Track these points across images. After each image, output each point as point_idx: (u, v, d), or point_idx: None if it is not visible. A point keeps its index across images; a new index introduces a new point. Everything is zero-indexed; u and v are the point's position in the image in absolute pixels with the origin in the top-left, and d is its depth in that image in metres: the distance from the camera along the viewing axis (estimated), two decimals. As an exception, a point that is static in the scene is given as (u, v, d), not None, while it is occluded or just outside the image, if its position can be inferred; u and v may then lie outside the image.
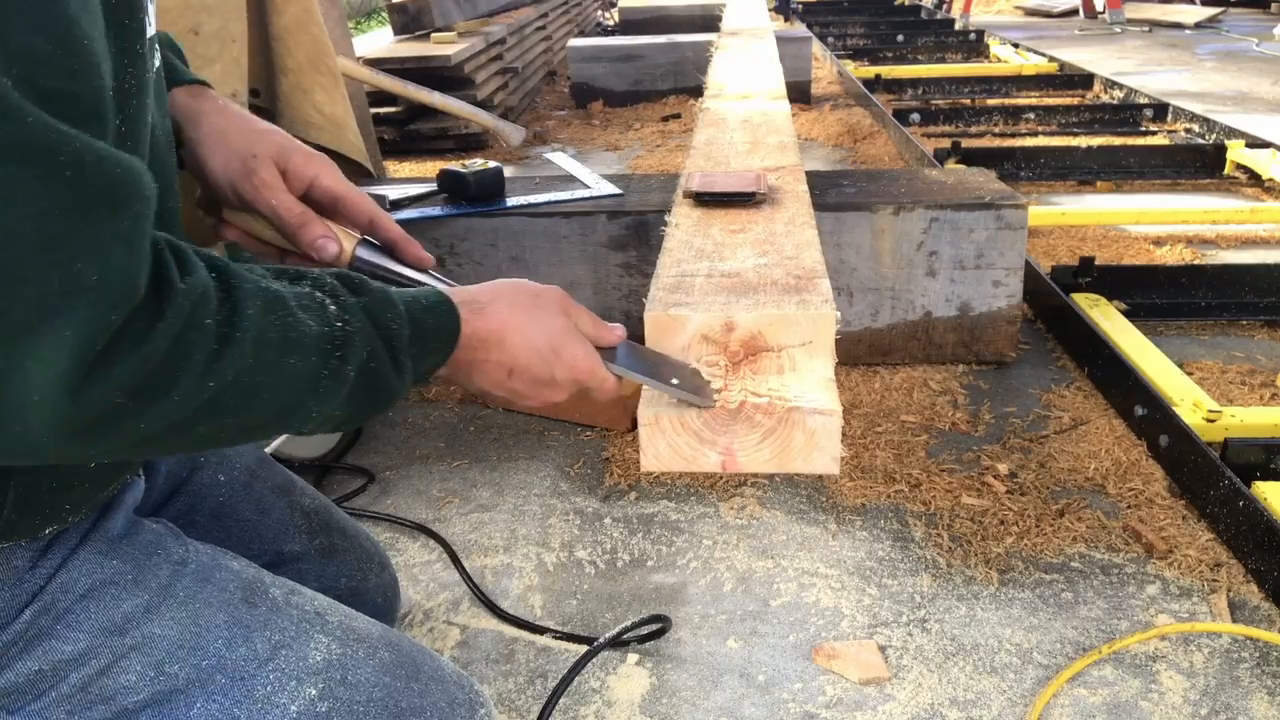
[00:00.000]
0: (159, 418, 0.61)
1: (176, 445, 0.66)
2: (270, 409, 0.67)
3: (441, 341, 0.80)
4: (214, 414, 0.64)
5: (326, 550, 1.13)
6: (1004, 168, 3.84)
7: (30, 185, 0.52)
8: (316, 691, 0.83)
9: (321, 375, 0.69)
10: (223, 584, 0.85)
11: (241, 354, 0.63)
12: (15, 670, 0.76)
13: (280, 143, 0.95)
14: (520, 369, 0.84)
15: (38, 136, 0.52)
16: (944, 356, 2.36)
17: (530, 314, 0.86)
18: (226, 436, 0.68)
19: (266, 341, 0.65)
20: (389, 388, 0.75)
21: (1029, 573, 1.64)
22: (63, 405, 0.56)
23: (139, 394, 0.59)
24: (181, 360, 0.60)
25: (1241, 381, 2.23)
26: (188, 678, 0.80)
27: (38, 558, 0.77)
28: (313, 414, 0.71)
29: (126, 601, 0.79)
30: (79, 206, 0.54)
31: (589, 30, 8.30)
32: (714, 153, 1.85)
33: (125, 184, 0.57)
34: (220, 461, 1.06)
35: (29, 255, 0.52)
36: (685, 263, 1.18)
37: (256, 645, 0.83)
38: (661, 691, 1.42)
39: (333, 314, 0.71)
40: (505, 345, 0.83)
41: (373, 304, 0.75)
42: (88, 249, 0.55)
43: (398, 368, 0.75)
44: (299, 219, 0.92)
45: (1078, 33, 8.32)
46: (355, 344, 0.71)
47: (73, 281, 0.54)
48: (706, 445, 0.94)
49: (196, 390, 0.61)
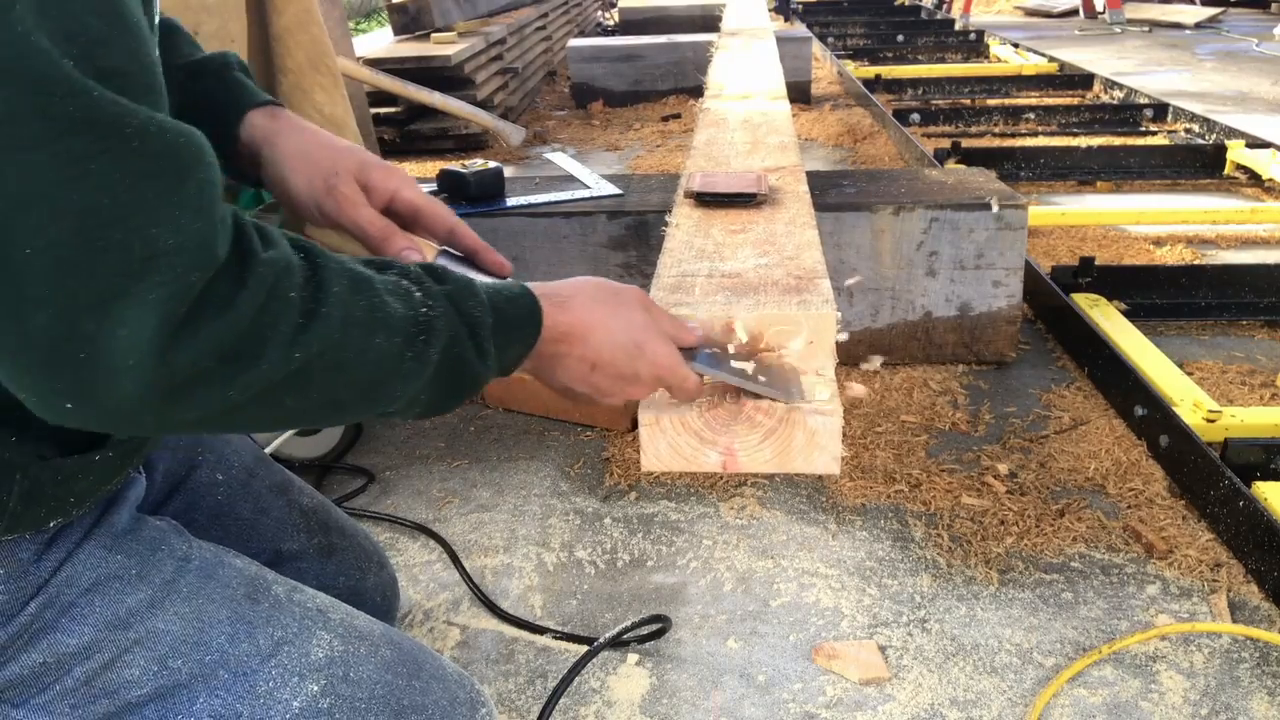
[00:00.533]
0: (247, 386, 0.62)
1: (267, 418, 0.67)
2: (356, 386, 0.69)
3: (524, 332, 0.81)
4: (301, 387, 0.65)
5: (325, 549, 1.13)
6: (1004, 168, 3.84)
7: (102, 158, 0.54)
8: (318, 688, 0.84)
9: (406, 356, 0.70)
10: (226, 580, 0.85)
11: (328, 329, 0.65)
12: (20, 663, 0.76)
13: (361, 158, 0.96)
14: (604, 364, 0.85)
15: (103, 111, 0.54)
16: (944, 356, 2.36)
17: (613, 309, 0.86)
18: (314, 412, 0.69)
19: (352, 319, 0.67)
20: (472, 373, 0.76)
21: (1029, 573, 1.64)
22: (154, 368, 0.58)
23: (226, 360, 0.61)
24: (267, 330, 0.62)
25: (1241, 381, 2.23)
26: (190, 673, 0.80)
27: (43, 551, 0.77)
28: (398, 394, 0.72)
29: (131, 596, 0.80)
30: (148, 175, 0.56)
31: (589, 30, 8.30)
32: (714, 153, 1.85)
33: (189, 151, 0.59)
34: (218, 460, 1.07)
35: (108, 224, 0.55)
36: (686, 263, 1.18)
37: (259, 641, 0.83)
38: (661, 692, 1.43)
39: (418, 299, 0.73)
40: (589, 340, 0.84)
41: (456, 291, 0.76)
42: (160, 215, 0.57)
43: (481, 354, 0.76)
44: (382, 232, 0.93)
45: (1078, 33, 8.33)
46: (439, 328, 0.73)
47: (151, 246, 0.57)
48: (707, 445, 0.94)
49: (283, 361, 0.63)
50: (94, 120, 0.54)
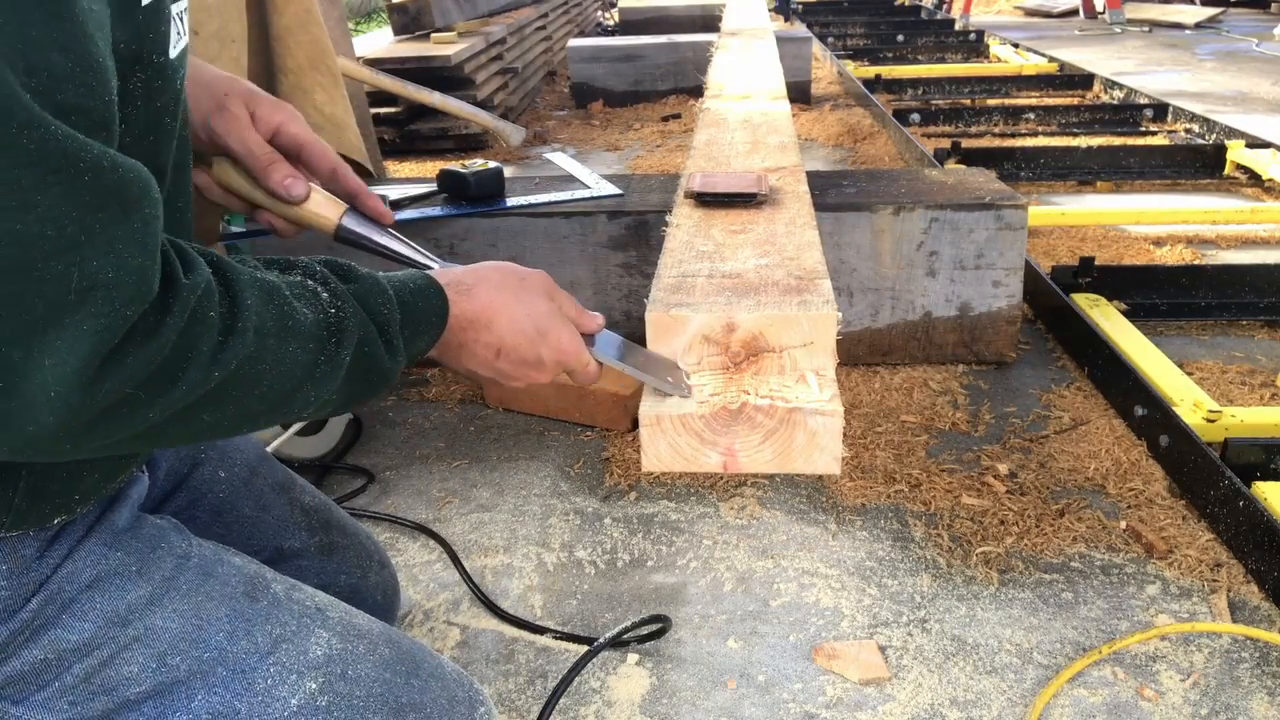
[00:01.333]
0: (166, 407, 0.63)
1: (180, 435, 0.68)
2: (271, 395, 0.70)
3: (430, 324, 0.83)
4: (218, 402, 0.67)
5: (326, 547, 1.13)
6: (1004, 168, 3.84)
7: (51, 190, 0.54)
8: (317, 685, 0.84)
9: (319, 361, 0.72)
10: (225, 578, 0.86)
11: (244, 344, 0.66)
12: (21, 659, 0.76)
13: (249, 87, 0.97)
14: (507, 349, 0.87)
15: (58, 145, 0.55)
16: (944, 356, 2.36)
17: (516, 296, 0.88)
18: (228, 425, 0.70)
19: (266, 330, 0.68)
20: (382, 370, 0.78)
21: (1029, 573, 1.64)
22: (76, 399, 0.58)
23: (149, 385, 0.61)
24: (189, 351, 0.63)
25: (1241, 381, 2.23)
26: (189, 670, 0.81)
27: (45, 548, 0.77)
28: (310, 399, 0.73)
29: (130, 592, 0.80)
30: (96, 209, 0.57)
31: (589, 30, 8.30)
32: (714, 153, 1.85)
33: (136, 187, 0.59)
34: (221, 458, 1.07)
35: (49, 255, 0.55)
36: (686, 263, 1.18)
37: (257, 639, 0.83)
38: (661, 691, 1.43)
39: (325, 301, 0.74)
40: (493, 326, 0.86)
41: (363, 290, 0.78)
42: (104, 249, 0.57)
43: (390, 350, 0.78)
44: (268, 158, 0.94)
45: (1078, 33, 8.33)
46: (349, 329, 0.74)
47: (90, 279, 0.57)
48: (708, 446, 0.94)
49: (203, 379, 0.64)
50: (48, 154, 0.54)
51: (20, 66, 0.53)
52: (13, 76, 0.53)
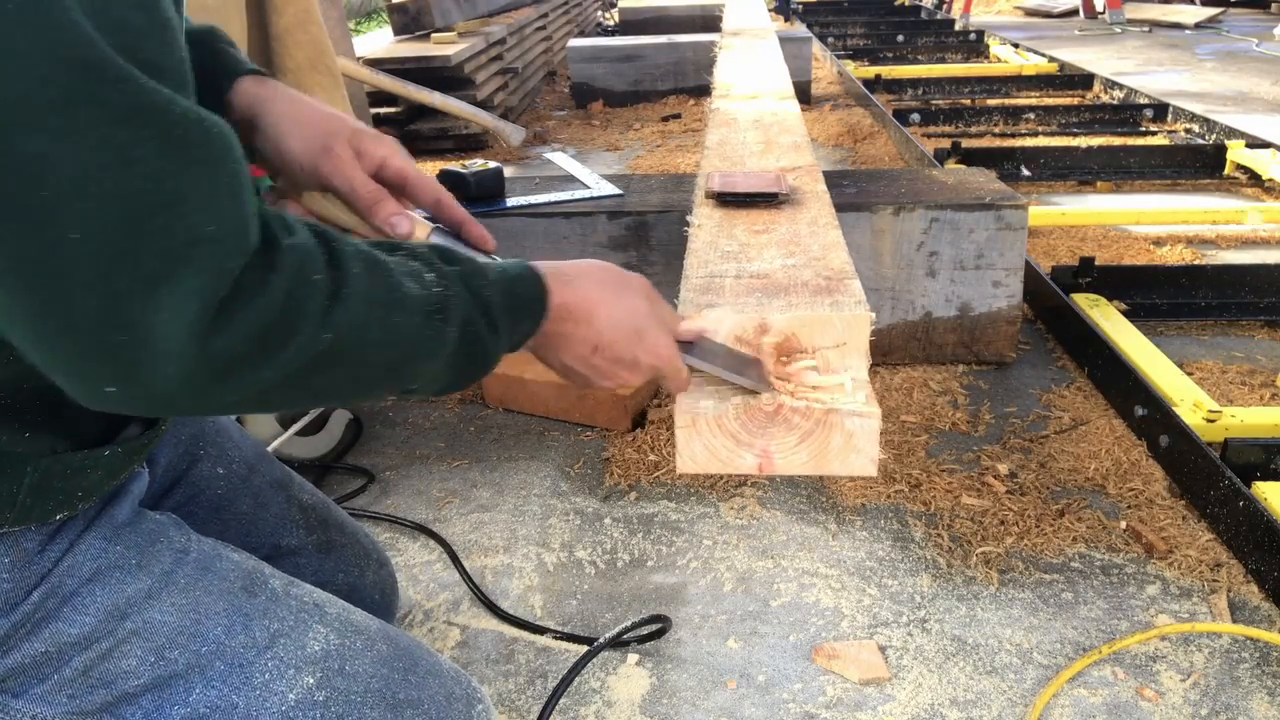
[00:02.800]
0: (281, 367, 0.64)
1: (299, 397, 0.69)
2: (380, 364, 0.71)
3: (532, 310, 0.83)
4: (330, 366, 0.67)
5: (324, 545, 1.13)
6: (1004, 168, 3.84)
7: (147, 146, 0.56)
8: (314, 680, 0.84)
9: (425, 335, 0.73)
10: (223, 573, 0.86)
11: (351, 309, 0.67)
12: (22, 652, 0.77)
13: (353, 124, 0.98)
14: (605, 345, 0.86)
15: (149, 99, 0.56)
16: (944, 357, 2.36)
17: (618, 293, 0.88)
18: (341, 391, 0.71)
19: (373, 299, 0.69)
20: (486, 351, 0.78)
21: (1029, 573, 1.64)
22: (194, 353, 0.59)
23: (262, 343, 0.63)
24: (297, 312, 0.64)
25: (1241, 381, 2.23)
26: (187, 663, 0.81)
27: (47, 541, 0.78)
28: (419, 372, 0.74)
29: (130, 586, 0.80)
30: (190, 163, 0.58)
31: (589, 30, 8.30)
32: (728, 153, 1.85)
33: (223, 141, 0.61)
34: (219, 455, 1.07)
35: (154, 211, 0.56)
36: (712, 264, 1.18)
37: (255, 633, 0.84)
38: (661, 691, 1.42)
39: (430, 280, 0.75)
40: (593, 320, 0.86)
41: (466, 272, 0.78)
42: (202, 202, 0.59)
43: (494, 331, 0.78)
44: (373, 195, 0.94)
45: (1078, 33, 8.32)
46: (453, 307, 0.75)
47: (193, 233, 0.58)
48: (743, 447, 0.94)
49: (313, 341, 0.65)
50: (141, 108, 0.55)
51: (106, 26, 0.54)
52: (99, 34, 0.53)
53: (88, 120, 0.53)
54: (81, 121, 0.53)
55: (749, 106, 2.35)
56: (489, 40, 4.99)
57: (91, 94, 0.53)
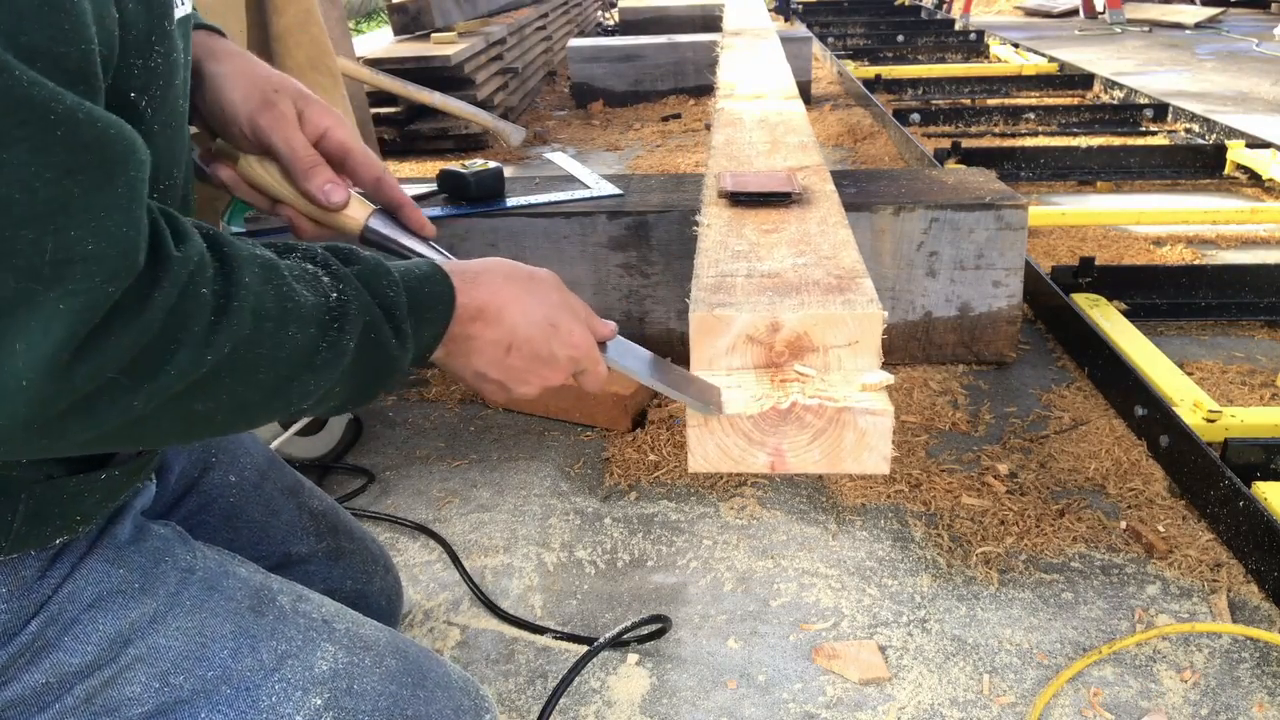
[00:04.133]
0: (154, 394, 0.58)
1: (170, 429, 0.62)
2: (268, 384, 0.64)
3: (438, 311, 0.77)
4: (210, 390, 0.61)
5: (333, 553, 1.12)
6: (1004, 168, 3.84)
7: (18, 146, 0.48)
8: (322, 701, 0.82)
9: (320, 347, 0.66)
10: (230, 592, 0.84)
11: (240, 324, 0.61)
12: (22, 683, 0.75)
13: (299, 88, 0.93)
14: (519, 343, 0.81)
15: (23, 91, 0.48)
16: (944, 356, 2.36)
17: (526, 288, 0.83)
18: (223, 418, 0.64)
19: (264, 312, 0.63)
20: (391, 359, 0.72)
21: (1029, 573, 1.64)
22: (50, 387, 0.52)
23: (134, 369, 0.56)
24: (179, 331, 0.57)
25: (1241, 381, 2.23)
26: (193, 689, 0.79)
27: (46, 567, 0.76)
28: (311, 389, 0.67)
29: (133, 611, 0.78)
30: (72, 170, 0.51)
31: (589, 30, 8.30)
32: (735, 152, 1.85)
33: (119, 146, 0.54)
34: (231, 462, 1.06)
35: (19, 222, 0.49)
36: (723, 263, 1.18)
37: (262, 655, 0.82)
38: (661, 691, 1.42)
39: (326, 284, 0.69)
40: (503, 318, 0.81)
41: (366, 272, 0.72)
42: (83, 215, 0.51)
43: (399, 336, 0.72)
44: (311, 160, 0.89)
45: (1078, 33, 8.32)
46: (352, 313, 0.69)
47: (67, 251, 0.51)
48: (756, 446, 0.93)
49: (193, 363, 0.58)
50: (13, 102, 0.48)
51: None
52: None
53: None
54: None
55: (754, 106, 2.35)
56: (489, 40, 4.99)
57: None
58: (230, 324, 0.60)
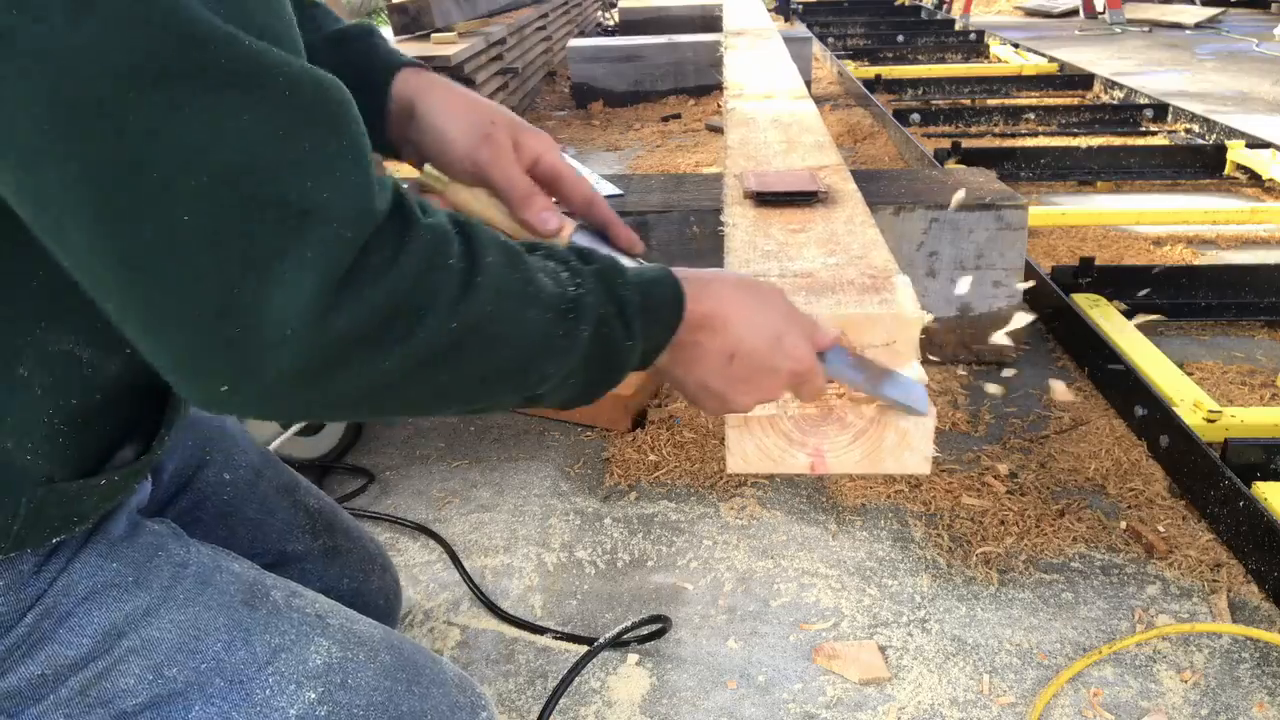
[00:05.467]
0: (404, 357, 0.60)
1: (421, 394, 0.64)
2: (508, 362, 0.67)
3: (668, 313, 0.77)
4: (456, 360, 0.63)
5: (330, 551, 1.12)
6: (1004, 168, 3.84)
7: (256, 110, 0.52)
8: (316, 695, 0.82)
9: (557, 334, 0.69)
10: (223, 586, 0.85)
11: (484, 299, 0.63)
12: (18, 675, 0.75)
13: (511, 117, 0.95)
14: (743, 354, 0.80)
15: (254, 62, 0.52)
16: (944, 357, 2.36)
17: (754, 297, 0.83)
18: (464, 391, 0.66)
19: (507, 291, 0.65)
20: (621, 356, 0.74)
21: (1029, 573, 1.64)
22: (312, 334, 0.55)
23: (386, 326, 0.58)
24: (427, 296, 0.60)
25: (1241, 381, 2.23)
26: (186, 681, 0.79)
27: (43, 562, 0.76)
28: (548, 374, 0.70)
29: (128, 603, 0.79)
30: (302, 126, 0.54)
31: (589, 30, 8.30)
32: (751, 152, 1.85)
33: (339, 102, 0.57)
34: (226, 460, 1.06)
35: (264, 181, 0.53)
36: (753, 262, 1.18)
37: (256, 648, 0.82)
38: (661, 691, 1.42)
39: (565, 278, 0.71)
40: (729, 327, 0.80)
41: (604, 270, 0.74)
42: (316, 168, 0.55)
43: (629, 335, 0.74)
44: (527, 190, 0.91)
45: (1078, 33, 8.32)
46: (588, 306, 0.71)
47: (306, 201, 0.54)
48: (796, 446, 0.92)
49: (441, 330, 0.61)
50: (246, 71, 0.52)
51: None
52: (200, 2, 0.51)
53: (195, 89, 0.50)
54: (189, 91, 0.50)
55: (765, 106, 2.35)
56: (489, 40, 4.99)
57: (198, 61, 0.50)
58: (475, 298, 0.63)
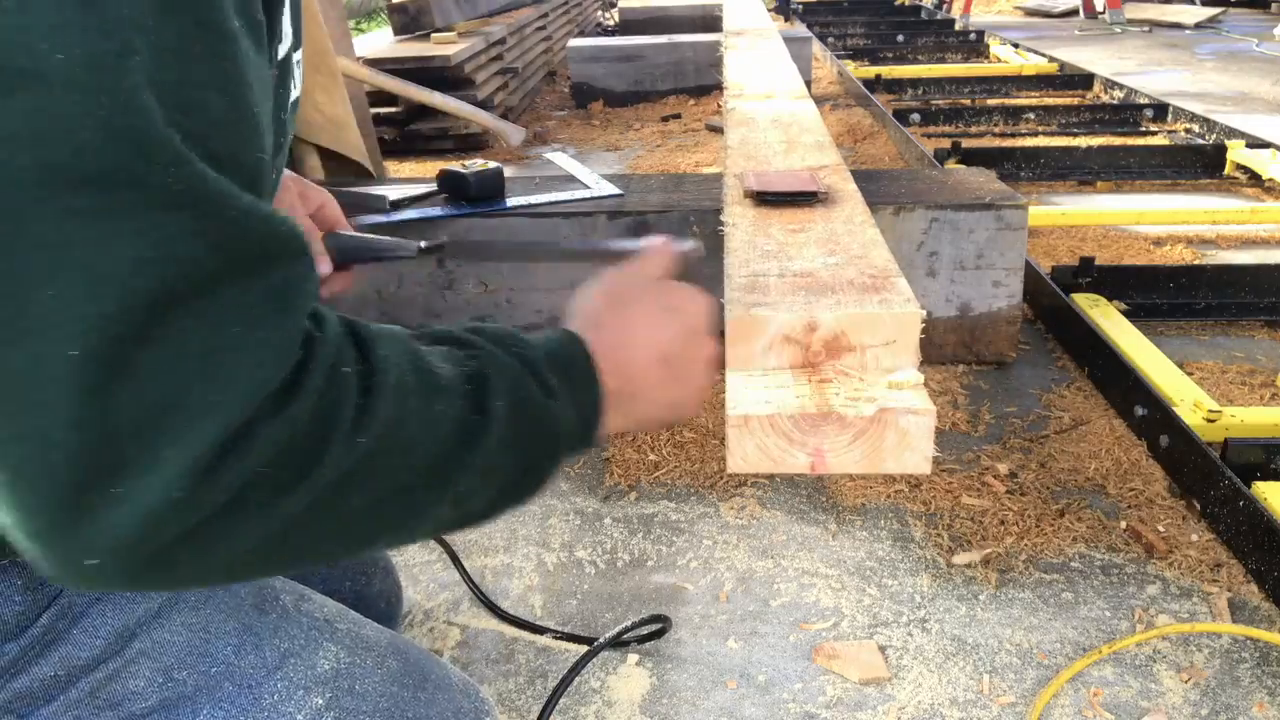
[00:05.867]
0: (308, 491, 0.53)
1: (328, 532, 0.57)
2: (424, 467, 0.59)
3: (576, 358, 0.71)
4: (366, 481, 0.56)
5: None
6: (1004, 168, 3.84)
7: (195, 241, 0.48)
8: (323, 701, 0.83)
9: (469, 416, 0.61)
10: (233, 590, 0.84)
11: (386, 403, 0.56)
12: (31, 675, 0.75)
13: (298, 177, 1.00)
14: (664, 346, 0.76)
15: (204, 189, 0.48)
16: (944, 357, 2.36)
17: (618, 298, 0.80)
18: (382, 513, 0.59)
19: (407, 387, 0.58)
20: (549, 418, 0.67)
21: (1029, 573, 1.64)
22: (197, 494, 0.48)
23: (286, 462, 0.51)
24: (329, 415, 0.53)
25: (1241, 381, 2.23)
26: (195, 684, 0.79)
27: None
28: (471, 466, 0.62)
29: (139, 605, 0.79)
30: (240, 263, 0.50)
31: (589, 30, 8.30)
32: (751, 152, 1.85)
33: (293, 245, 0.53)
34: None
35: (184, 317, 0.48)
36: (754, 263, 1.18)
37: (265, 653, 0.82)
38: (661, 691, 1.43)
39: (460, 355, 0.64)
40: (635, 335, 0.76)
41: (493, 335, 0.68)
42: (244, 311, 0.50)
43: (548, 392, 0.67)
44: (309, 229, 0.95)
45: (1078, 33, 8.33)
46: (491, 373, 0.64)
47: (233, 343, 0.49)
48: (796, 446, 0.93)
49: (347, 451, 0.54)
50: (195, 198, 0.47)
51: (173, 102, 0.47)
52: (160, 112, 0.46)
53: (126, 201, 0.45)
54: (118, 202, 0.45)
55: (765, 106, 2.35)
56: (489, 40, 4.99)
57: (137, 173, 0.45)
58: (378, 403, 0.56)
